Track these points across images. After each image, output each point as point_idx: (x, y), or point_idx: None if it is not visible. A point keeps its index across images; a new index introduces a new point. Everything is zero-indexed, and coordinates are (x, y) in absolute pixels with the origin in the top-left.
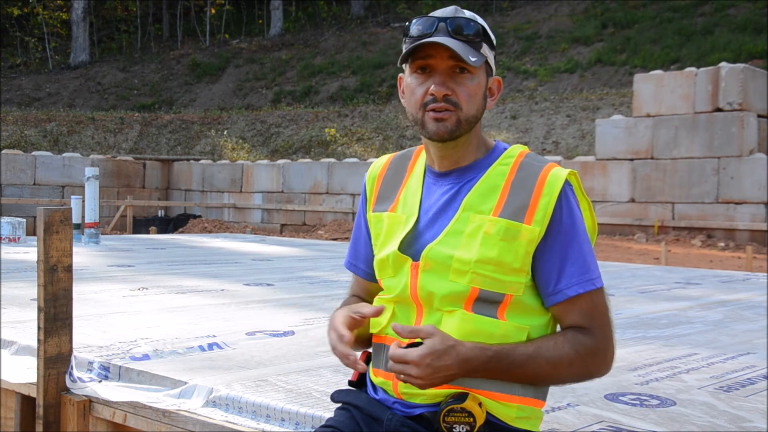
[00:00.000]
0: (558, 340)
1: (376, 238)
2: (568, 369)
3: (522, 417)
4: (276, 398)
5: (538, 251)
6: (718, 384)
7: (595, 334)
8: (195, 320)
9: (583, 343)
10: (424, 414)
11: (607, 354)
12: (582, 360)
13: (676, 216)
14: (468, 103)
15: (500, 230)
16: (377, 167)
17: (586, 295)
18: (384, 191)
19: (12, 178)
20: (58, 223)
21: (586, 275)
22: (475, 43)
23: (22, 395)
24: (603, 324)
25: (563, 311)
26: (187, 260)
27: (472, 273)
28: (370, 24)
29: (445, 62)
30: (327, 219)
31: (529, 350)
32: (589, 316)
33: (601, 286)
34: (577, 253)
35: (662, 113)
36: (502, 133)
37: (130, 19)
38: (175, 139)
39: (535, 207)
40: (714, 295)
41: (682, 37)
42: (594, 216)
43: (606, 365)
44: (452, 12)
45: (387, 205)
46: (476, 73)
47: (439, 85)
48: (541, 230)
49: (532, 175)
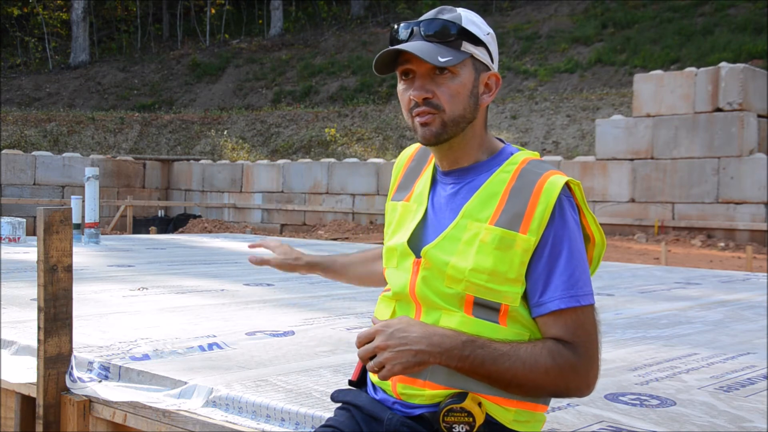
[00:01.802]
0: (537, 345)
1: (389, 225)
2: (543, 376)
3: (520, 420)
4: (276, 398)
5: (531, 260)
6: (718, 384)
7: (577, 350)
8: (195, 320)
9: (563, 355)
10: (423, 414)
11: (588, 374)
12: (559, 371)
13: (676, 216)
14: (451, 103)
15: (495, 239)
16: (405, 156)
17: (569, 310)
18: (404, 181)
19: (12, 178)
20: (58, 223)
21: (572, 290)
22: (451, 42)
23: (22, 395)
24: (587, 342)
25: (546, 325)
26: (187, 260)
27: (466, 281)
28: (370, 24)
29: (423, 65)
30: (327, 219)
31: (505, 348)
32: (571, 332)
33: (588, 303)
34: (564, 266)
35: (662, 113)
36: (502, 133)
37: (130, 19)
38: (175, 139)
39: (531, 216)
40: (714, 295)
41: (682, 37)
42: (601, 231)
43: (586, 385)
44: (432, 14)
45: (404, 194)
46: (458, 72)
47: (418, 90)
48: (536, 240)
49: (530, 183)
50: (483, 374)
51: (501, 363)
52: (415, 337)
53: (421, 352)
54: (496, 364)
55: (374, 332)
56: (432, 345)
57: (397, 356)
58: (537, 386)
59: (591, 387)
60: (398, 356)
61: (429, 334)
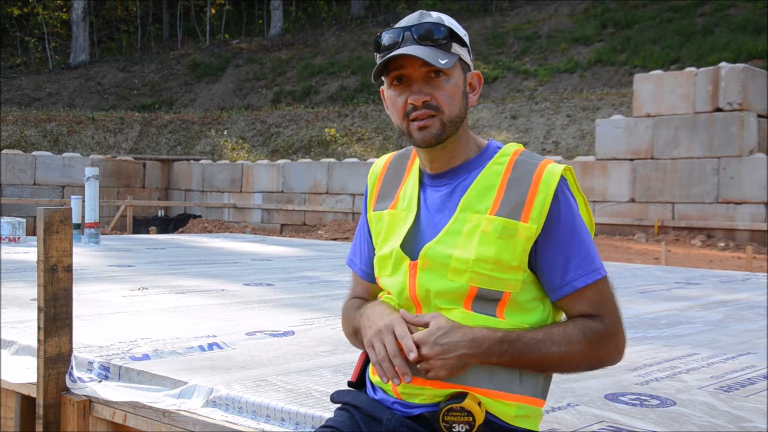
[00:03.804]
0: (568, 325)
1: (377, 236)
2: (578, 354)
3: (521, 415)
4: (276, 398)
5: (540, 248)
6: (718, 384)
7: (604, 320)
8: (195, 320)
9: (593, 328)
10: (423, 414)
11: (618, 339)
12: (592, 345)
13: (676, 216)
14: (449, 104)
15: (497, 228)
16: (378, 167)
17: (592, 285)
18: (384, 190)
19: (12, 178)
20: (58, 223)
21: (591, 266)
22: (443, 44)
23: (22, 395)
24: (611, 311)
25: (571, 303)
26: (187, 260)
27: (470, 272)
28: (370, 24)
29: (418, 70)
30: (327, 219)
31: (539, 335)
32: (596, 305)
33: (605, 274)
34: (579, 245)
35: (662, 113)
36: (502, 133)
37: (130, 19)
38: (175, 139)
39: (531, 204)
40: (714, 295)
41: (682, 37)
42: (590, 212)
43: (618, 351)
44: (417, 18)
45: (387, 203)
46: (452, 73)
47: (417, 94)
48: (538, 227)
49: (528, 173)
50: (523, 364)
51: (539, 350)
52: (456, 341)
53: (464, 355)
54: (533, 353)
55: (418, 341)
56: (473, 347)
57: (443, 363)
58: (575, 363)
59: (622, 352)
60: (443, 363)
61: (469, 337)
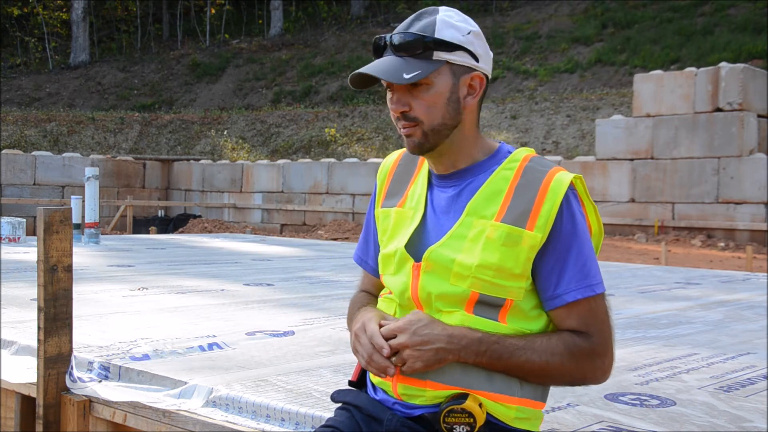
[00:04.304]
0: (552, 337)
1: (383, 233)
2: (559, 367)
3: (521, 418)
4: (276, 398)
5: (539, 257)
6: (718, 384)
7: (591, 338)
8: (195, 320)
9: (578, 344)
10: (424, 415)
11: (605, 360)
12: (574, 360)
13: (676, 216)
14: (428, 114)
15: (502, 235)
16: (388, 163)
17: (584, 301)
18: (393, 187)
19: (12, 178)
20: (58, 223)
21: (585, 281)
22: (419, 54)
23: (22, 395)
24: (601, 330)
25: (561, 316)
26: (187, 260)
27: (472, 278)
28: (370, 24)
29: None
30: (327, 219)
31: (520, 342)
32: (586, 321)
33: (601, 292)
34: (576, 258)
35: (662, 113)
36: (502, 133)
37: (130, 19)
38: (175, 139)
39: (537, 213)
40: (714, 295)
41: (682, 37)
42: (600, 220)
43: (603, 372)
44: (407, 23)
45: (395, 200)
46: (433, 82)
47: (395, 104)
48: (543, 236)
49: (536, 181)
50: (501, 368)
51: (517, 357)
52: (435, 335)
53: (441, 349)
54: (512, 358)
55: (397, 329)
56: (451, 343)
57: (419, 354)
58: (555, 376)
59: (607, 374)
60: (420, 354)
61: (448, 332)
